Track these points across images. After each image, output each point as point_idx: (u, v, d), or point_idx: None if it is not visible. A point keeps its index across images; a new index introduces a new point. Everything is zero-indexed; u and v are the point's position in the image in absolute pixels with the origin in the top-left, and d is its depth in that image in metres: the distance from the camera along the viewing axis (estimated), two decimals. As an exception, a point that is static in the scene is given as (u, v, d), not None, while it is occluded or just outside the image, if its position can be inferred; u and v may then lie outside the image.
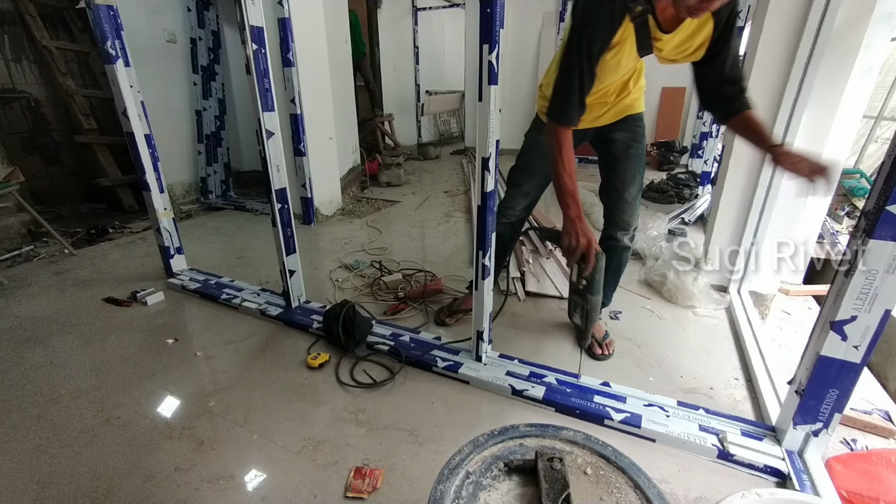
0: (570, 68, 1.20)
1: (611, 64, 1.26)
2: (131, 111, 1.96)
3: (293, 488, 1.16)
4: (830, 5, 1.62)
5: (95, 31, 1.82)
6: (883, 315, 0.98)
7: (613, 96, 1.44)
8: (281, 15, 2.70)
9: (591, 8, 1.16)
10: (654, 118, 5.41)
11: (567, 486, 0.72)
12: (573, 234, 1.27)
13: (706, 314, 2.00)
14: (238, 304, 2.05)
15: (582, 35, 1.16)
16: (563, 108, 1.25)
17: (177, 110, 3.66)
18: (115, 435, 1.35)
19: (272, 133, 1.72)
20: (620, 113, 1.50)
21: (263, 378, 1.60)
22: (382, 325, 1.88)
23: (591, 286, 1.25)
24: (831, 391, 1.08)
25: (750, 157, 1.94)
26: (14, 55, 3.27)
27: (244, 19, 1.53)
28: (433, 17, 6.81)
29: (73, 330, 1.92)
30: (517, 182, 1.68)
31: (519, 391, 1.45)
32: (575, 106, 1.24)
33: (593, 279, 1.24)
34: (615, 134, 1.53)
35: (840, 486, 1.10)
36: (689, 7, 1.06)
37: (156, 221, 2.20)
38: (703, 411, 1.36)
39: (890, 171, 0.89)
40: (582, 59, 1.18)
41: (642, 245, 2.56)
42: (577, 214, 1.29)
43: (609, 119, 1.51)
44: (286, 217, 1.85)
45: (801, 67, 1.73)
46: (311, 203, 3.25)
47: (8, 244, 2.78)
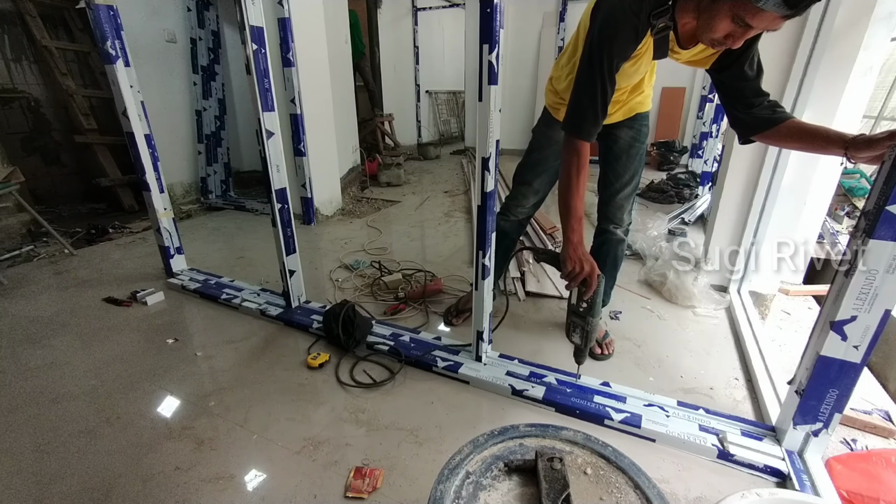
0: (589, 83, 1.15)
1: (629, 72, 1.24)
2: (131, 111, 1.96)
3: (293, 488, 1.16)
4: (830, 5, 1.62)
5: (95, 31, 1.82)
6: (883, 315, 0.98)
7: (627, 94, 1.43)
8: (281, 15, 2.70)
9: (614, 25, 1.10)
10: (654, 118, 5.41)
11: (567, 486, 0.72)
12: (576, 261, 1.23)
13: (706, 314, 2.00)
14: (238, 304, 2.05)
15: (603, 51, 1.11)
16: (581, 123, 1.20)
17: (177, 110, 3.66)
18: (114, 435, 1.35)
19: (272, 133, 1.72)
20: (631, 111, 1.49)
21: (263, 378, 1.60)
22: (382, 325, 1.88)
23: (591, 309, 1.25)
24: (831, 391, 1.08)
25: (750, 157, 1.94)
26: (14, 55, 3.27)
27: (244, 19, 1.53)
28: (433, 17, 6.82)
29: (73, 330, 1.92)
30: (527, 179, 1.67)
31: (519, 391, 1.45)
32: (593, 120, 1.20)
33: (594, 302, 1.24)
34: (620, 132, 1.53)
35: (840, 486, 1.10)
36: (712, 41, 1.02)
37: (156, 221, 2.20)
38: (703, 411, 1.36)
39: (890, 171, 0.89)
40: (604, 74, 1.13)
41: (642, 245, 2.56)
42: (579, 240, 1.25)
43: (619, 117, 1.50)
44: (286, 217, 1.85)
45: (801, 67, 1.73)
46: (311, 203, 3.25)
47: (8, 244, 2.77)
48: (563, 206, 1.28)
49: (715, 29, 0.99)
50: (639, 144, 1.53)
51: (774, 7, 0.87)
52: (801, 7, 0.86)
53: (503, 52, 1.24)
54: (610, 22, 1.11)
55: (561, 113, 1.35)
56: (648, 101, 1.51)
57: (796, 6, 0.86)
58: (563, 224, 1.27)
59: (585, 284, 1.23)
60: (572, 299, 1.30)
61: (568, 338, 1.34)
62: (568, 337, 1.34)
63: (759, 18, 0.91)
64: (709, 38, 1.02)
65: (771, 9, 0.87)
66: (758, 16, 0.91)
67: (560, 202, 1.29)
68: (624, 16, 1.09)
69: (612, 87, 1.16)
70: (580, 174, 1.24)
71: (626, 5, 1.08)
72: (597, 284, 1.22)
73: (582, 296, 1.26)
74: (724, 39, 1.00)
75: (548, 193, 1.71)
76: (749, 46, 1.12)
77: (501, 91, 1.26)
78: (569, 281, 1.26)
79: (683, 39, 1.15)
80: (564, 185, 1.27)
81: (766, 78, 1.20)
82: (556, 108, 1.54)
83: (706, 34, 1.02)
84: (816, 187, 1.93)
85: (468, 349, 1.65)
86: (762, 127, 1.18)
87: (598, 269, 1.24)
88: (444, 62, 7.41)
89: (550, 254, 1.34)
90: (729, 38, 0.99)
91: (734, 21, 0.95)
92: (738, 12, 0.93)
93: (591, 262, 1.24)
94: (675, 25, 1.11)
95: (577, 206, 1.25)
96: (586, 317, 1.26)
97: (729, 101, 1.23)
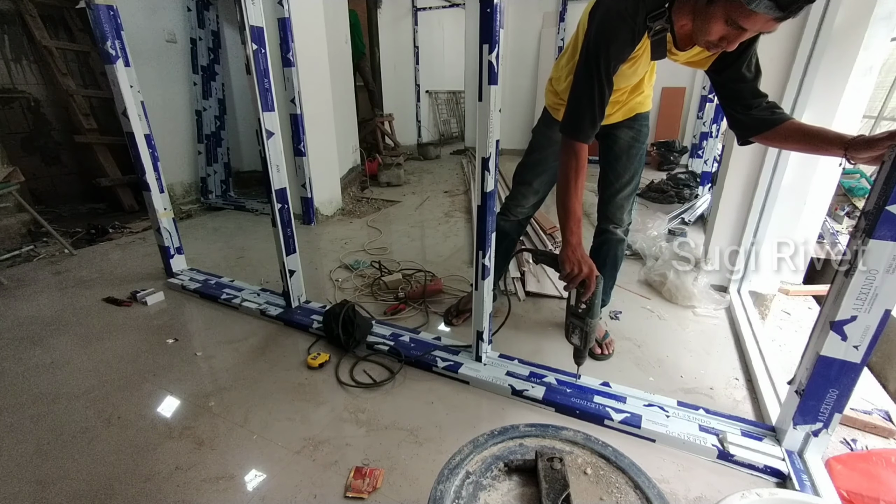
0: (586, 85, 1.16)
1: (627, 73, 1.25)
2: (131, 111, 1.96)
3: (293, 488, 1.16)
4: (830, 5, 1.62)
5: (95, 31, 1.82)
6: (883, 315, 0.98)
7: (627, 94, 1.43)
8: (281, 15, 2.70)
9: (610, 28, 1.11)
10: (654, 118, 5.41)
11: (567, 486, 0.72)
12: (574, 263, 1.23)
13: (706, 314, 2.00)
14: (238, 304, 2.05)
15: (600, 54, 1.12)
16: (579, 125, 1.21)
17: (177, 110, 3.66)
18: (115, 435, 1.35)
19: (272, 133, 1.72)
20: (631, 111, 1.49)
21: (263, 378, 1.60)
22: (382, 325, 1.88)
23: (589, 310, 1.25)
24: (831, 391, 1.08)
25: (750, 157, 1.94)
26: (14, 55, 3.27)
27: (244, 19, 1.53)
28: (433, 17, 6.81)
29: (72, 330, 1.92)
30: (527, 180, 1.67)
31: (519, 391, 1.45)
32: (591, 123, 1.20)
33: (592, 303, 1.24)
34: (620, 132, 1.53)
35: (840, 486, 1.10)
36: (708, 44, 1.02)
37: (156, 221, 2.20)
38: (703, 411, 1.36)
39: (890, 171, 0.89)
40: (601, 77, 1.14)
41: (642, 245, 2.56)
42: (578, 241, 1.25)
43: (619, 117, 1.50)
44: (286, 217, 1.85)
45: (801, 67, 1.73)
46: (311, 203, 3.25)
47: (8, 244, 2.77)
48: (562, 208, 1.28)
49: (709, 31, 0.99)
50: (639, 145, 1.54)
51: (766, 9, 0.87)
52: (792, 9, 0.86)
53: (503, 52, 1.24)
54: (606, 25, 1.11)
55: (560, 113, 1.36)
56: (649, 101, 1.51)
57: (787, 8, 0.86)
58: (562, 225, 1.28)
59: (584, 286, 1.24)
60: (571, 300, 1.30)
61: (567, 339, 1.34)
62: (567, 338, 1.34)
63: (752, 21, 0.92)
64: (704, 41, 1.03)
65: (762, 11, 0.87)
66: (750, 18, 0.91)
67: (558, 204, 1.29)
68: (620, 18, 1.09)
69: (609, 89, 1.17)
70: (578, 176, 1.25)
71: (622, 8, 1.09)
72: (595, 286, 1.22)
73: (580, 297, 1.26)
74: (719, 42, 1.00)
75: (548, 193, 1.71)
76: (746, 48, 1.12)
77: (501, 91, 1.26)
78: (567, 282, 1.26)
79: (680, 41, 1.16)
80: (563, 187, 1.27)
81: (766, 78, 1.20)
82: (555, 108, 1.54)
83: (701, 37, 1.03)
84: (816, 187, 1.93)
85: (468, 349, 1.65)
86: (761, 128, 1.18)
87: (596, 270, 1.24)
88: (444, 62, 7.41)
89: (549, 255, 1.34)
90: (723, 40, 1.00)
91: (728, 24, 0.96)
92: (731, 15, 0.93)
93: (589, 263, 1.24)
94: (672, 27, 1.11)
95: (575, 207, 1.26)
96: (585, 318, 1.26)
97: (727, 103, 1.23)
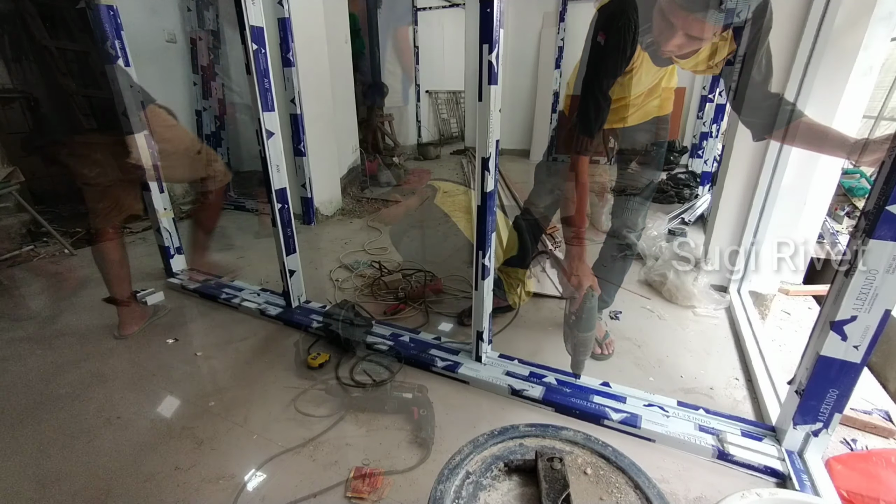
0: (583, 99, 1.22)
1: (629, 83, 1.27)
2: (131, 111, 1.96)
3: (293, 488, 1.16)
4: (830, 5, 1.62)
5: (95, 30, 1.83)
6: (883, 315, 0.98)
7: (642, 97, 1.43)
8: (281, 15, 2.70)
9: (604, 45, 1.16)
10: (654, 118, 5.41)
11: (567, 486, 0.72)
12: (571, 274, 1.28)
13: (706, 314, 2.00)
14: (238, 304, 2.04)
15: (598, 71, 1.18)
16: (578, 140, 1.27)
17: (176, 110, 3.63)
18: (115, 435, 1.35)
19: (272, 133, 1.72)
20: (648, 115, 1.49)
21: (263, 378, 1.60)
22: (382, 325, 1.87)
23: (578, 322, 1.25)
24: (831, 391, 1.08)
25: (750, 157, 1.94)
26: (14, 55, 3.27)
27: (244, 19, 1.53)
28: (433, 17, 6.81)
29: (72, 330, 1.92)
30: (543, 179, 1.70)
31: (518, 391, 1.45)
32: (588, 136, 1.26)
33: (580, 317, 1.24)
34: (637, 136, 1.52)
35: (840, 486, 1.10)
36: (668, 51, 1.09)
37: (156, 221, 2.20)
38: (703, 411, 1.36)
39: (890, 171, 0.89)
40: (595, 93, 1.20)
41: (642, 245, 2.55)
42: (578, 253, 1.29)
43: (635, 120, 1.49)
44: (286, 217, 1.85)
45: (801, 67, 1.73)
46: (311, 203, 3.25)
47: (8, 244, 2.77)
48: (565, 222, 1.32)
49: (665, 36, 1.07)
50: (656, 148, 1.54)
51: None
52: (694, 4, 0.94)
53: (503, 52, 1.24)
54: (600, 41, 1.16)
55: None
56: (668, 104, 1.51)
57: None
58: (567, 238, 1.30)
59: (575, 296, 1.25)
60: (567, 310, 1.30)
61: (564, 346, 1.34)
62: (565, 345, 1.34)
63: (676, 17, 1.01)
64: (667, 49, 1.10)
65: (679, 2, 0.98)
66: (675, 14, 1.01)
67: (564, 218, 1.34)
68: (615, 34, 1.13)
69: (606, 103, 1.22)
70: (583, 188, 1.28)
71: (617, 24, 1.12)
72: (582, 300, 1.23)
73: (572, 307, 1.26)
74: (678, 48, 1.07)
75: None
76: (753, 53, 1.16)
77: (501, 91, 1.26)
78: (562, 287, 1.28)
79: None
80: (566, 200, 1.30)
81: (766, 78, 1.20)
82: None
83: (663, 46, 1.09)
84: (816, 187, 1.93)
85: (468, 349, 1.65)
86: (772, 127, 1.23)
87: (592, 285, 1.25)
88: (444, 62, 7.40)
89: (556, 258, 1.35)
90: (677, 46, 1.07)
91: (667, 25, 1.05)
92: (667, 15, 1.03)
93: (586, 278, 1.25)
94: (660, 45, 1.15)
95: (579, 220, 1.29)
96: (574, 330, 1.26)
97: (739, 103, 1.25)
